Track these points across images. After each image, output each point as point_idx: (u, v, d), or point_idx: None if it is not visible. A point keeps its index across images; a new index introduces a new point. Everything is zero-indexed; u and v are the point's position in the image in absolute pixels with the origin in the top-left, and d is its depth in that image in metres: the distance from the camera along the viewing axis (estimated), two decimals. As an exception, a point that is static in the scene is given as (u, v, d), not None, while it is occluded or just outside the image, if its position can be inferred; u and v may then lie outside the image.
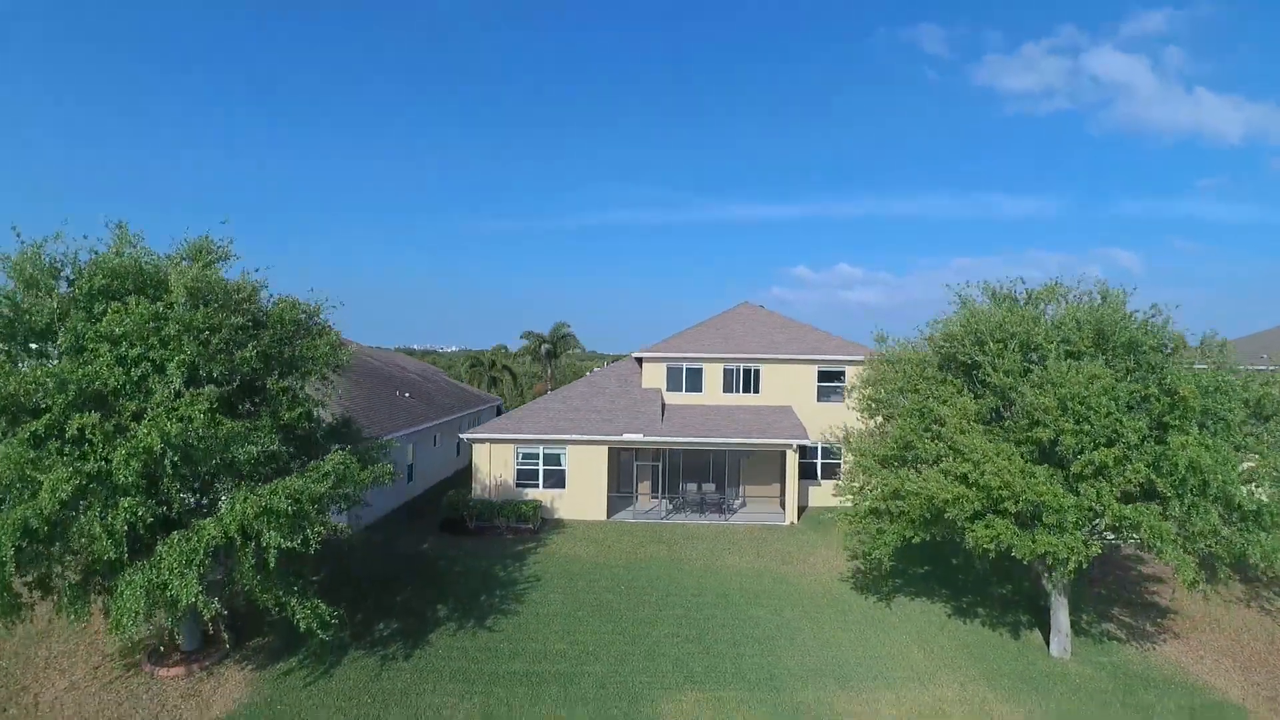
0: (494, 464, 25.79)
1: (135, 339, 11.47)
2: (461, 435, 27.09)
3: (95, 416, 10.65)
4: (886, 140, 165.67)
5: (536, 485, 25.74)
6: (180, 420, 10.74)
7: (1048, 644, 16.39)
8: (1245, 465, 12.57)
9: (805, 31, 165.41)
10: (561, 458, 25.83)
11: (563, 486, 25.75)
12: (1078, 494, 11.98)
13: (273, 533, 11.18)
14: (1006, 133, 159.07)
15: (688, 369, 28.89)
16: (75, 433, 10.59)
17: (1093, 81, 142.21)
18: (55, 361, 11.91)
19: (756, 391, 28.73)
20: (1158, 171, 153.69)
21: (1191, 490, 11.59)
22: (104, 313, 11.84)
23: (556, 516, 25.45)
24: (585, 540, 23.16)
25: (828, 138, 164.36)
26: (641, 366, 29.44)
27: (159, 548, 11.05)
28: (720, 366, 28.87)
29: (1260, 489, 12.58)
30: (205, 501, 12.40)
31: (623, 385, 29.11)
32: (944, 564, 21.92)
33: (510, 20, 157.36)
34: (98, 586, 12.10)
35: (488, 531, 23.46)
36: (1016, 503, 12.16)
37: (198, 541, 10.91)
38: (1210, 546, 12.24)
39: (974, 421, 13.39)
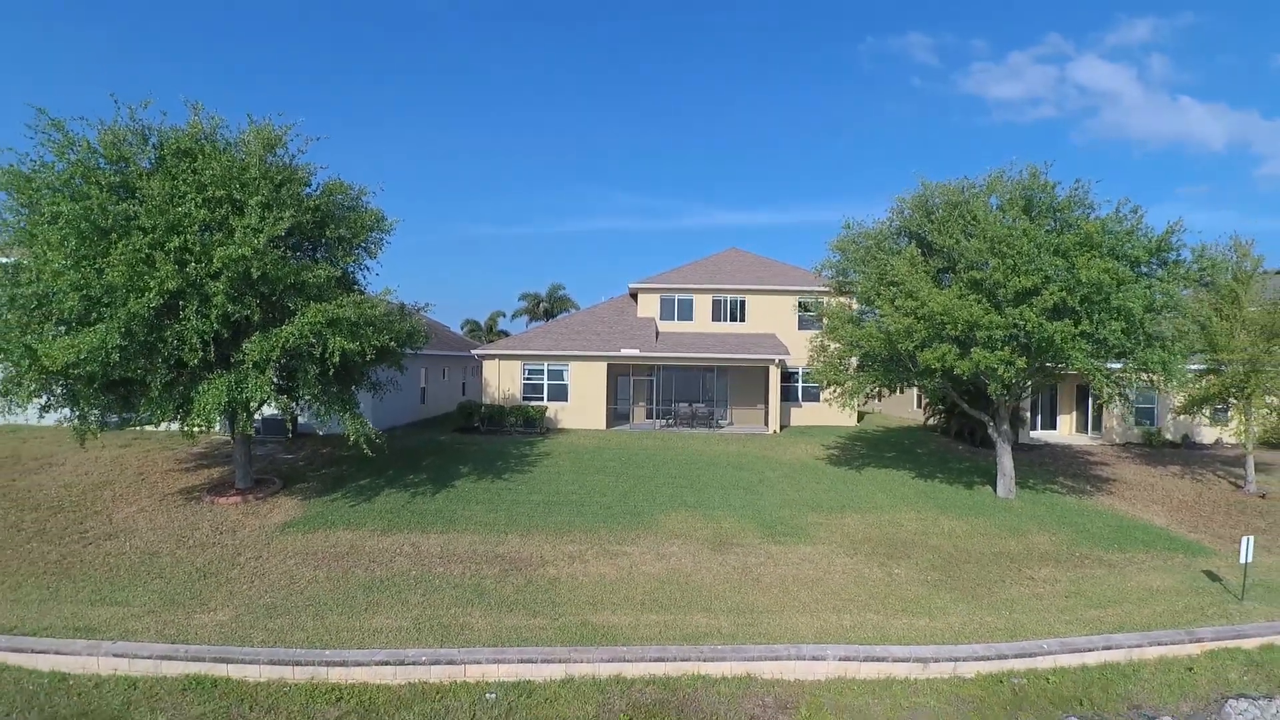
0: (502, 380, 28.03)
1: (220, 184, 13.68)
2: (473, 351, 29.31)
3: (194, 234, 12.87)
4: (873, 147, 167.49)
5: (541, 399, 27.98)
6: (262, 236, 12.97)
7: (995, 491, 18.85)
8: (1158, 299, 15.07)
9: (792, 39, 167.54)
10: (564, 373, 28.10)
11: (565, 400, 28.01)
12: (1005, 316, 14.42)
13: (338, 338, 13.43)
14: (993, 140, 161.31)
15: (679, 299, 31.26)
16: (177, 245, 12.79)
17: (1078, 90, 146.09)
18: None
19: (743, 320, 31.14)
20: (1141, 179, 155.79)
21: (1096, 305, 14.07)
22: (186, 170, 14.06)
23: (560, 426, 27.68)
24: (588, 437, 25.42)
25: (813, 145, 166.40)
26: (636, 299, 31.78)
27: (244, 345, 13.27)
28: (710, 297, 31.27)
29: (1162, 318, 15.15)
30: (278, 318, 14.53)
31: (619, 315, 31.44)
32: (910, 453, 24.40)
33: (487, 20, 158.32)
34: (179, 396, 14.22)
35: (498, 432, 25.66)
36: (956, 327, 14.57)
37: (276, 340, 13.14)
38: (1119, 358, 14.81)
39: (923, 272, 15.84)
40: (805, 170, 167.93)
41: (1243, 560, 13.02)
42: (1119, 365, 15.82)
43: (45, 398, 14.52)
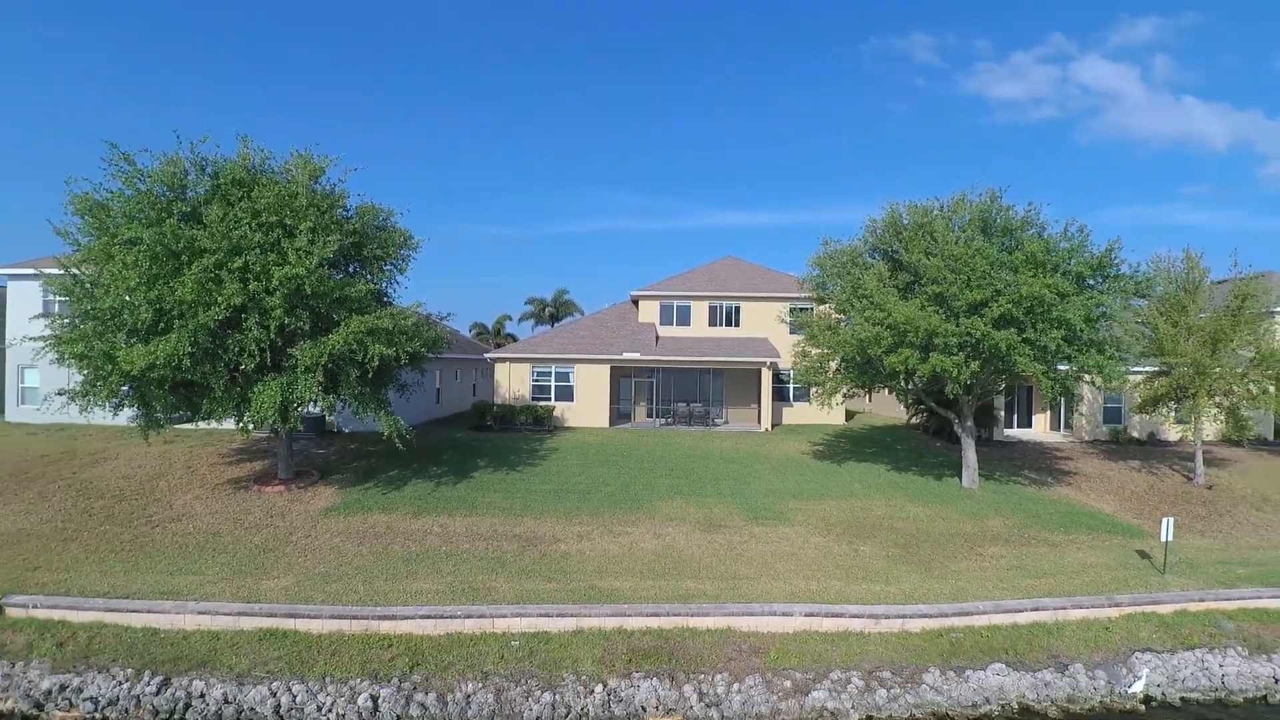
0: (512, 381, 30.04)
1: (272, 211, 15.72)
2: (486, 355, 31.34)
3: (255, 254, 14.92)
4: (875, 147, 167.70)
5: (549, 399, 29.98)
6: (313, 258, 15.01)
7: (961, 481, 20.79)
8: (1099, 310, 17.02)
9: (793, 40, 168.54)
10: (570, 375, 30.11)
11: (571, 400, 30.01)
12: (959, 325, 16.36)
13: (377, 345, 15.46)
14: (995, 140, 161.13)
15: (678, 305, 33.25)
16: (240, 266, 14.83)
17: (1081, 90, 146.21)
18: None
19: (737, 325, 33.11)
20: (1145, 179, 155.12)
21: (1039, 316, 16.02)
22: (241, 198, 16.12)
23: (566, 425, 29.66)
24: (592, 435, 27.39)
25: (816, 146, 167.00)
26: (638, 305, 33.78)
27: (296, 351, 15.31)
28: (707, 304, 33.25)
29: (1101, 327, 17.09)
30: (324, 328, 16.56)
31: (622, 320, 33.44)
32: (890, 449, 26.35)
33: (489, 20, 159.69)
34: (237, 397, 16.25)
35: (509, 429, 27.68)
36: (917, 335, 16.50)
37: (324, 347, 15.17)
38: (1062, 362, 16.81)
39: (890, 287, 17.80)
40: (807, 171, 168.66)
41: (1163, 539, 14.97)
42: (1065, 368, 17.75)
43: (117, 398, 16.56)
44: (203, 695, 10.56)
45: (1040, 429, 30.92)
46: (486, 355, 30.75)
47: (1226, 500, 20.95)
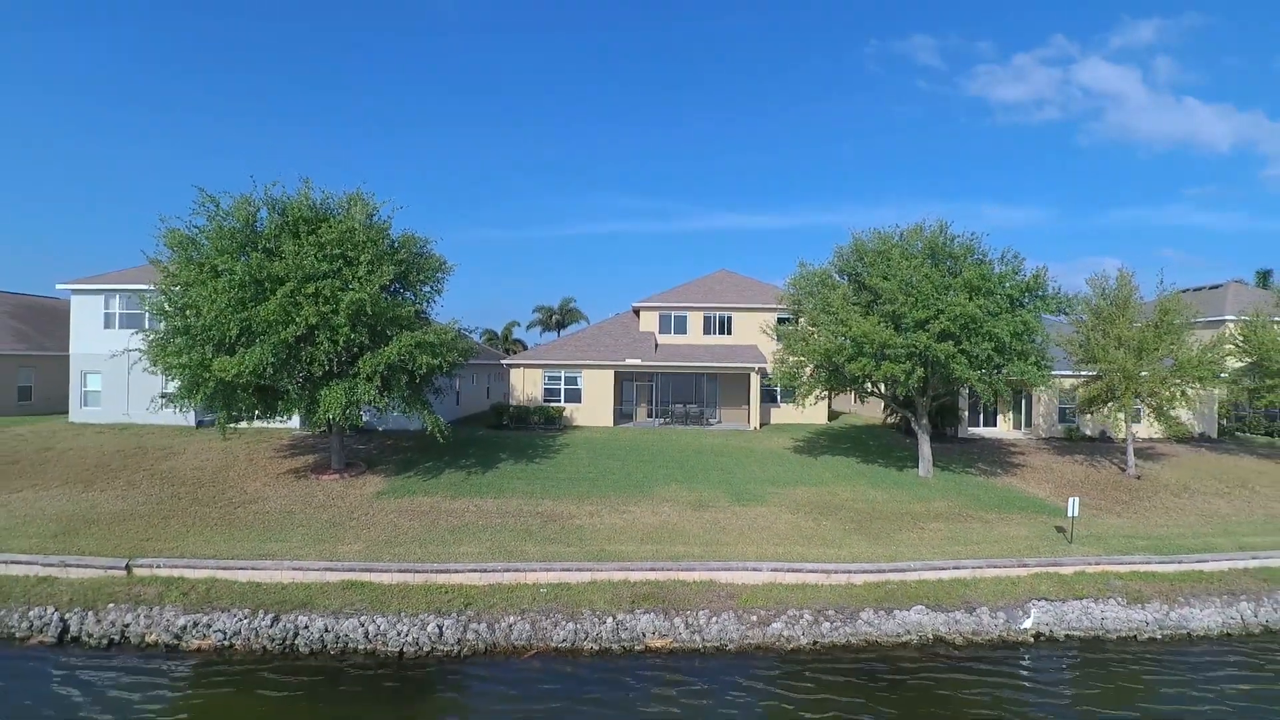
0: (526, 384, 33.32)
1: (336, 245, 19.03)
2: (503, 361, 34.64)
3: (327, 282, 18.23)
4: (877, 150, 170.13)
5: (559, 401, 33.25)
6: (372, 284, 18.33)
7: (918, 471, 24.02)
8: (1024, 327, 20.27)
9: (796, 42, 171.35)
10: (578, 379, 33.38)
11: (579, 401, 33.28)
12: (907, 338, 19.61)
13: (424, 356, 18.76)
14: (997, 142, 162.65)
15: (675, 315, 36.53)
16: (313, 291, 18.14)
17: (1083, 92, 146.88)
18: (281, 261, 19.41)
19: (729, 334, 36.39)
20: (1147, 180, 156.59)
21: (972, 332, 19.27)
22: (309, 233, 19.43)
23: (574, 424, 32.93)
24: (598, 432, 30.66)
25: (818, 148, 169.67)
26: (639, 315, 37.06)
27: (358, 362, 18.61)
28: (701, 314, 36.54)
29: (1035, 339, 20.40)
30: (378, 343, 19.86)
31: (624, 329, 36.72)
32: (863, 444, 29.58)
33: (493, 25, 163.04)
34: (307, 398, 19.53)
35: (524, 428, 30.95)
36: (873, 346, 19.75)
37: (381, 358, 18.46)
38: (994, 370, 20.06)
39: (852, 305, 21.07)
40: (810, 173, 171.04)
41: (1069, 515, 18.22)
42: (1001, 374, 21.01)
43: (209, 400, 19.86)
44: (307, 626, 13.83)
45: (1004, 428, 34.11)
46: (504, 361, 34.06)
47: (1150, 488, 24.15)
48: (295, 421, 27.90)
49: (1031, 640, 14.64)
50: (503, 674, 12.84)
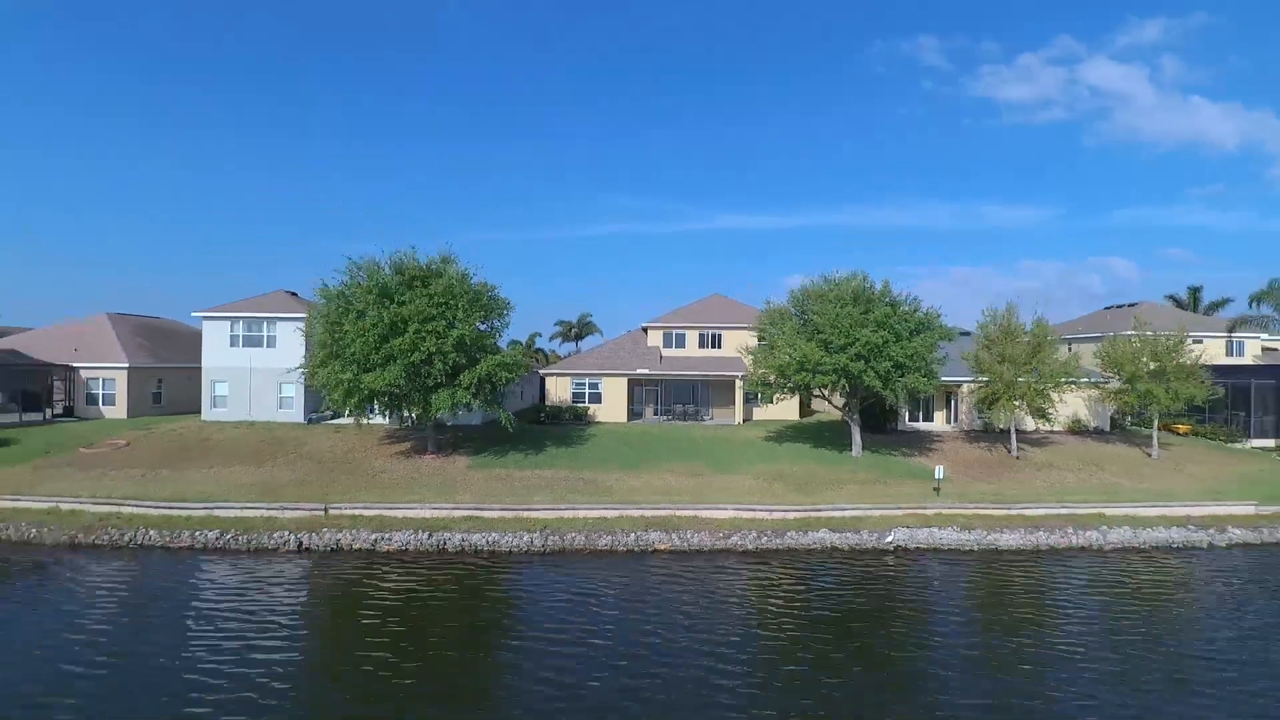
0: (558, 389, 42.40)
1: (442, 296, 28.15)
2: (539, 370, 43.79)
3: (438, 323, 27.34)
4: (882, 151, 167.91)
5: (584, 402, 42.29)
6: (469, 324, 27.49)
7: (852, 453, 32.98)
8: (913, 352, 29.24)
9: (800, 43, 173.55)
10: (599, 385, 42.41)
11: (600, 402, 42.31)
12: (833, 358, 28.63)
13: (504, 372, 27.86)
14: (1003, 143, 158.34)
15: (675, 333, 45.54)
16: (430, 330, 27.25)
17: (1089, 91, 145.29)
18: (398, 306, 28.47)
19: (719, 348, 45.37)
20: (1153, 180, 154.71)
21: (878, 354, 28.27)
22: (421, 286, 28.58)
23: (596, 420, 41.93)
24: (615, 426, 39.71)
25: (822, 149, 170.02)
26: (646, 333, 46.07)
27: (459, 377, 27.77)
28: (697, 332, 45.54)
29: (926, 359, 29.40)
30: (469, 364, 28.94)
31: (634, 344, 45.77)
32: (820, 436, 38.51)
33: (493, 30, 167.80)
34: (423, 402, 28.62)
35: (557, 423, 40.01)
36: (810, 363, 28.73)
37: (474, 374, 27.60)
38: (896, 380, 29.17)
39: (798, 333, 30.11)
40: (813, 174, 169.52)
41: (937, 477, 27.12)
42: (901, 383, 29.91)
43: (357, 404, 29.02)
44: (448, 539, 22.90)
45: (939, 422, 42.94)
46: (540, 371, 43.21)
47: (1022, 465, 32.97)
48: (385, 419, 37.11)
49: (892, 550, 23.57)
50: (569, 563, 21.88)
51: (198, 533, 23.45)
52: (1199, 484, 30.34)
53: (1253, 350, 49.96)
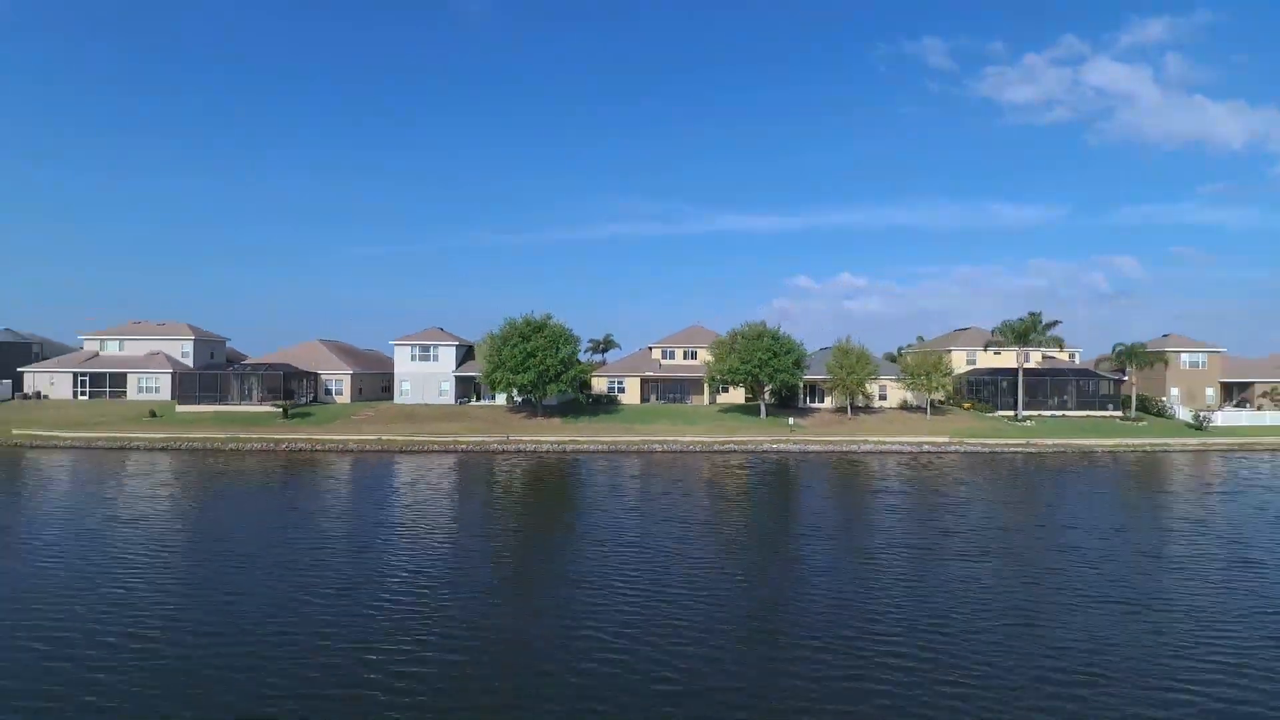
0: (598, 384, 71.51)
1: (546, 340, 57.41)
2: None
3: (548, 352, 56.54)
4: (888, 152, 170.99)
5: (614, 391, 71.33)
6: (564, 352, 56.77)
7: (760, 417, 62.10)
8: (784, 363, 58.22)
9: (805, 43, 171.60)
10: (623, 381, 71.44)
11: (624, 392, 71.34)
12: (744, 366, 57.37)
13: (582, 375, 57.00)
14: (1008, 143, 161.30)
15: (669, 350, 74.55)
16: (546, 356, 56.40)
17: (1094, 91, 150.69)
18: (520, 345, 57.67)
19: (696, 359, 74.32)
20: (1158, 178, 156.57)
21: (767, 365, 57.05)
22: (535, 333, 57.86)
23: (623, 403, 70.83)
24: (635, 405, 68.68)
25: (828, 150, 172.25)
26: (651, 351, 75.17)
27: (559, 379, 57.04)
28: (682, 350, 74.61)
29: (795, 369, 58.38)
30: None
31: (645, 356, 74.86)
32: (751, 410, 67.72)
33: (497, 25, 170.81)
34: (542, 391, 57.70)
35: (599, 406, 68.98)
36: (737, 372, 57.54)
37: (568, 377, 56.88)
38: (778, 377, 58.21)
39: (730, 353, 58.99)
40: (817, 174, 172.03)
41: (790, 424, 56.29)
42: (780, 379, 58.67)
43: (508, 393, 58.27)
44: (575, 449, 52.04)
45: (828, 404, 72.01)
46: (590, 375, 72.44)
47: (852, 423, 61.92)
48: (500, 399, 66.18)
49: (743, 457, 52.67)
50: (619, 459, 50.78)
51: (449, 450, 52.68)
52: (935, 430, 59.41)
53: (1035, 358, 78.62)
